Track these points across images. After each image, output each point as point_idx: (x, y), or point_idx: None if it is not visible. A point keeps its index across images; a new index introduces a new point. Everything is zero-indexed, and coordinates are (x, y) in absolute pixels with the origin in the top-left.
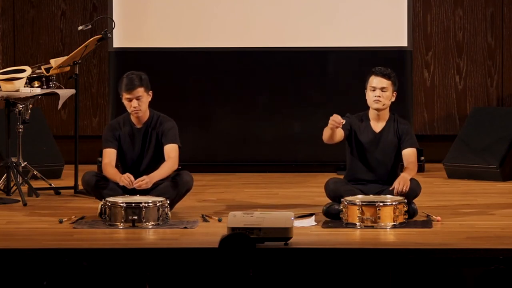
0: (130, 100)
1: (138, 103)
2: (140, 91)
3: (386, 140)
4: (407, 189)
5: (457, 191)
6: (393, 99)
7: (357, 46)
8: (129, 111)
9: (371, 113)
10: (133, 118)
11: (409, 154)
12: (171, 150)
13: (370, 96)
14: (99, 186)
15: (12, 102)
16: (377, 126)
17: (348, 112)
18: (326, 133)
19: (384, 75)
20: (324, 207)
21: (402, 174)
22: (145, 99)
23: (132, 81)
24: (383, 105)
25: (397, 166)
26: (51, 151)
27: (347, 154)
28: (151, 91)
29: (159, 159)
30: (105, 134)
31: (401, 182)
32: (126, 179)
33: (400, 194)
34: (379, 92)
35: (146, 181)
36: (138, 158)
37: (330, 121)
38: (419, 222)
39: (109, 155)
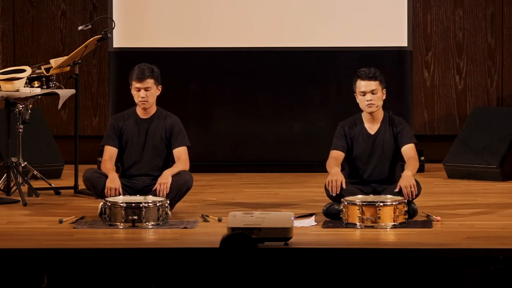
0: (138, 89)
1: (146, 94)
2: (150, 82)
3: (382, 142)
4: (415, 189)
5: (457, 191)
6: (384, 97)
7: (357, 46)
8: (136, 101)
9: (365, 116)
10: (139, 111)
11: (408, 149)
12: (181, 153)
13: (361, 101)
14: (100, 183)
15: (12, 102)
16: (372, 128)
17: (345, 113)
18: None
19: (370, 78)
20: (324, 207)
21: (404, 173)
22: (154, 91)
23: (143, 71)
24: (377, 106)
25: (396, 166)
26: (51, 151)
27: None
28: (160, 86)
29: (161, 151)
30: (107, 129)
31: (407, 185)
32: (111, 191)
33: (412, 197)
34: (370, 95)
35: (166, 184)
36: (140, 148)
37: (329, 185)
38: (419, 222)
39: (109, 152)
